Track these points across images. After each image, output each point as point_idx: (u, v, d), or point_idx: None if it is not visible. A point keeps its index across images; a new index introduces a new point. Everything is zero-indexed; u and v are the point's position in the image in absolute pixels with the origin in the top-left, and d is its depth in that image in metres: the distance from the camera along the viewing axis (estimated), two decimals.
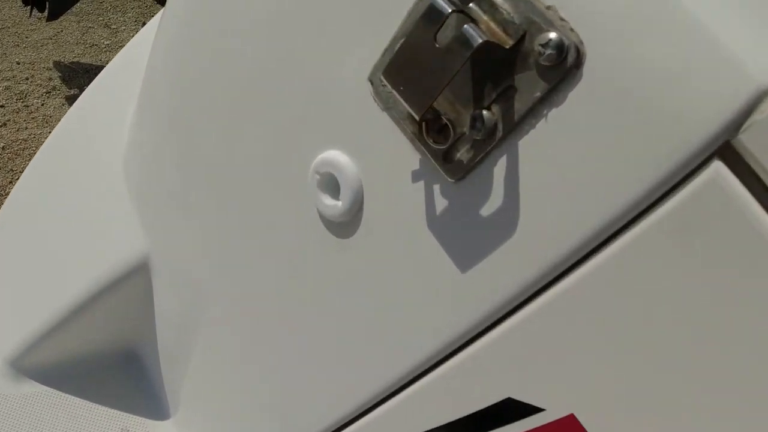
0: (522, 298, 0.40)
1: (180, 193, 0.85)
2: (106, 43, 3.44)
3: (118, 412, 1.09)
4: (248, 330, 0.76)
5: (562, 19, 0.34)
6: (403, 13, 0.41)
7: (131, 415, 1.10)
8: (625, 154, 0.33)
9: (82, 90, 3.06)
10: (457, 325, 0.42)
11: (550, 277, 0.38)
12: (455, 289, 0.42)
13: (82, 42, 3.40)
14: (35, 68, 3.12)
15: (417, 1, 0.39)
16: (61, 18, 3.15)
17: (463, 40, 0.33)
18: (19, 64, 3.11)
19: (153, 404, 1.11)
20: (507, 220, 0.38)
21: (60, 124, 1.24)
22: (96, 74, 3.39)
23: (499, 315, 0.41)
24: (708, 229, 0.33)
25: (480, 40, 0.33)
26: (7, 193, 2.46)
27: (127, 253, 1.01)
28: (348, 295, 0.52)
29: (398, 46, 0.38)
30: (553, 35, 0.33)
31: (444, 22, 0.34)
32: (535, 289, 0.39)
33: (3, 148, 2.62)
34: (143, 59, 1.00)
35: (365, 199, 0.47)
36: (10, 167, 2.55)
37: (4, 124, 2.74)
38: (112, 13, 3.68)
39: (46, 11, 2.96)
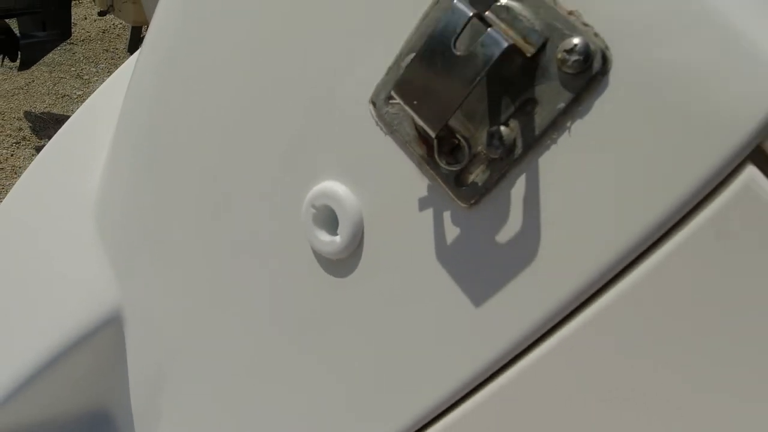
0: (541, 332, 0.37)
1: (158, 239, 0.83)
2: (77, 93, 3.53)
3: None
4: (230, 388, 0.72)
5: (585, 24, 0.33)
6: (406, 28, 0.40)
7: None
8: (656, 165, 0.32)
9: None
10: (473, 366, 0.39)
11: (575, 305, 0.36)
12: (471, 326, 0.39)
13: (53, 92, 3.49)
14: (5, 118, 3.19)
15: (426, 13, 0.38)
16: (33, 68, 3.23)
17: (486, 44, 0.32)
18: None
19: None
20: (527, 246, 0.36)
21: (28, 169, 1.24)
22: None
23: (518, 351, 0.38)
24: (746, 236, 0.31)
25: (506, 44, 0.31)
26: None
27: (98, 305, 0.98)
28: (349, 340, 0.49)
29: (410, 58, 0.37)
30: (577, 40, 0.32)
31: (465, 27, 0.33)
32: (558, 320, 0.36)
33: None
34: (112, 107, 0.99)
35: (366, 233, 0.45)
36: None
37: None
38: (84, 64, 3.77)
39: (18, 61, 3.06)
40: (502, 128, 0.35)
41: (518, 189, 0.36)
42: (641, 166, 0.32)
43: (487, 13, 0.35)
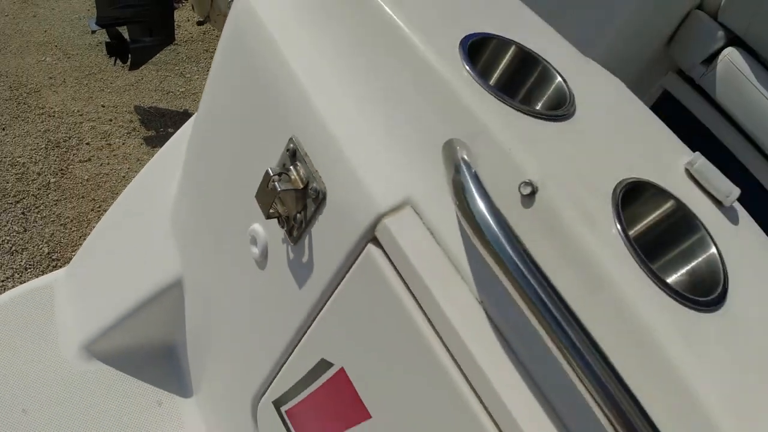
0: (320, 305, 0.89)
1: (197, 239, 1.37)
2: (180, 90, 3.91)
3: (157, 388, 1.56)
4: (228, 325, 1.26)
5: (320, 176, 0.84)
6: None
7: (165, 392, 1.56)
8: (339, 240, 0.82)
9: (158, 132, 3.59)
10: (297, 317, 0.92)
11: (329, 293, 0.87)
12: (297, 296, 0.92)
13: (159, 89, 3.88)
14: (118, 111, 3.60)
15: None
16: (142, 67, 3.61)
17: (273, 188, 0.84)
18: (104, 107, 3.57)
19: (181, 385, 1.57)
20: (310, 264, 0.88)
21: (134, 180, 1.73)
22: (171, 118, 3.93)
23: (314, 313, 0.90)
24: (372, 279, 0.80)
25: (279, 190, 0.83)
26: (89, 219, 2.91)
27: (168, 274, 1.49)
28: (264, 299, 1.03)
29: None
30: (315, 184, 0.83)
31: (269, 180, 0.84)
32: (324, 300, 0.88)
33: (87, 179, 3.09)
34: (180, 152, 1.47)
35: (269, 250, 0.98)
36: (92, 197, 3.02)
37: (89, 159, 3.21)
38: (187, 63, 4.16)
39: (129, 62, 3.43)
40: (298, 214, 0.87)
41: (308, 240, 0.88)
42: (335, 240, 0.83)
43: (290, 167, 0.86)
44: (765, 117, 2.30)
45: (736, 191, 0.83)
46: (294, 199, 0.86)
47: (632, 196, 0.77)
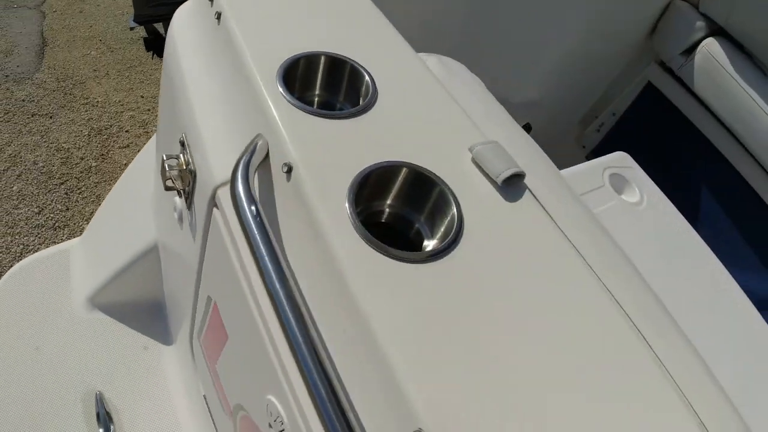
0: (203, 255, 1.24)
1: (160, 210, 1.74)
2: None
3: (144, 336, 1.90)
4: (178, 278, 1.63)
5: (194, 160, 1.18)
6: None
7: (151, 339, 1.90)
8: (202, 204, 1.16)
9: None
10: (195, 264, 1.27)
11: (204, 246, 1.22)
12: (194, 248, 1.27)
13: None
14: (156, 101, 3.79)
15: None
16: None
17: (163, 167, 1.19)
18: (143, 97, 3.88)
19: (164, 333, 1.91)
20: (196, 225, 1.23)
21: (131, 164, 2.10)
22: None
23: (201, 261, 1.25)
24: (218, 236, 1.12)
25: (175, 172, 1.18)
26: None
27: (147, 240, 1.84)
28: (185, 252, 1.38)
29: None
30: (191, 165, 1.18)
31: (163, 162, 1.20)
32: (204, 251, 1.23)
33: (126, 164, 3.39)
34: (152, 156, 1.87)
35: (183, 215, 1.34)
36: None
37: (128, 146, 3.54)
38: None
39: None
40: (187, 188, 1.22)
41: (194, 207, 1.22)
42: (201, 207, 1.17)
43: (184, 149, 1.22)
44: (741, 107, 2.42)
45: (508, 171, 0.92)
46: (184, 177, 1.21)
47: (389, 178, 0.92)
